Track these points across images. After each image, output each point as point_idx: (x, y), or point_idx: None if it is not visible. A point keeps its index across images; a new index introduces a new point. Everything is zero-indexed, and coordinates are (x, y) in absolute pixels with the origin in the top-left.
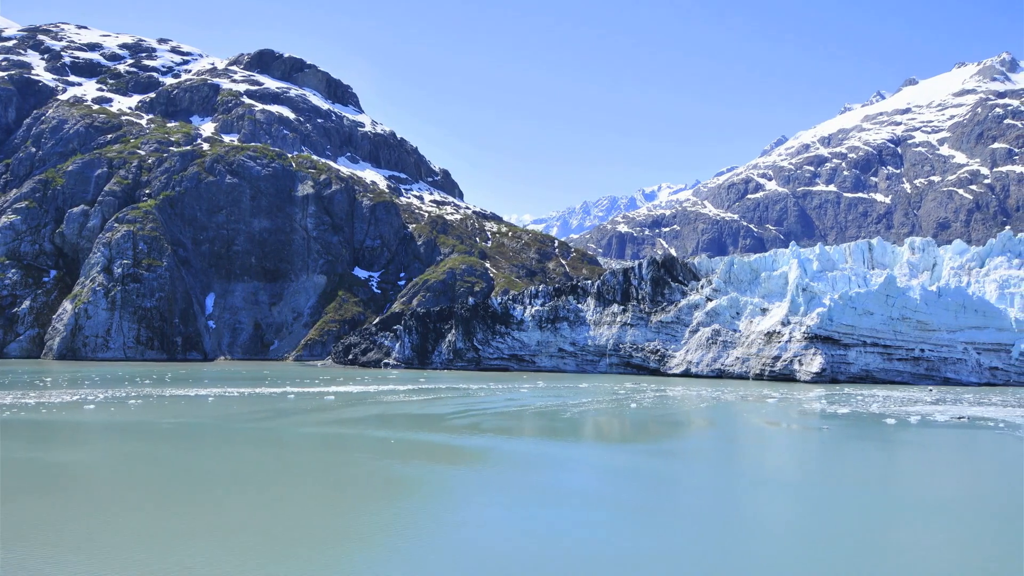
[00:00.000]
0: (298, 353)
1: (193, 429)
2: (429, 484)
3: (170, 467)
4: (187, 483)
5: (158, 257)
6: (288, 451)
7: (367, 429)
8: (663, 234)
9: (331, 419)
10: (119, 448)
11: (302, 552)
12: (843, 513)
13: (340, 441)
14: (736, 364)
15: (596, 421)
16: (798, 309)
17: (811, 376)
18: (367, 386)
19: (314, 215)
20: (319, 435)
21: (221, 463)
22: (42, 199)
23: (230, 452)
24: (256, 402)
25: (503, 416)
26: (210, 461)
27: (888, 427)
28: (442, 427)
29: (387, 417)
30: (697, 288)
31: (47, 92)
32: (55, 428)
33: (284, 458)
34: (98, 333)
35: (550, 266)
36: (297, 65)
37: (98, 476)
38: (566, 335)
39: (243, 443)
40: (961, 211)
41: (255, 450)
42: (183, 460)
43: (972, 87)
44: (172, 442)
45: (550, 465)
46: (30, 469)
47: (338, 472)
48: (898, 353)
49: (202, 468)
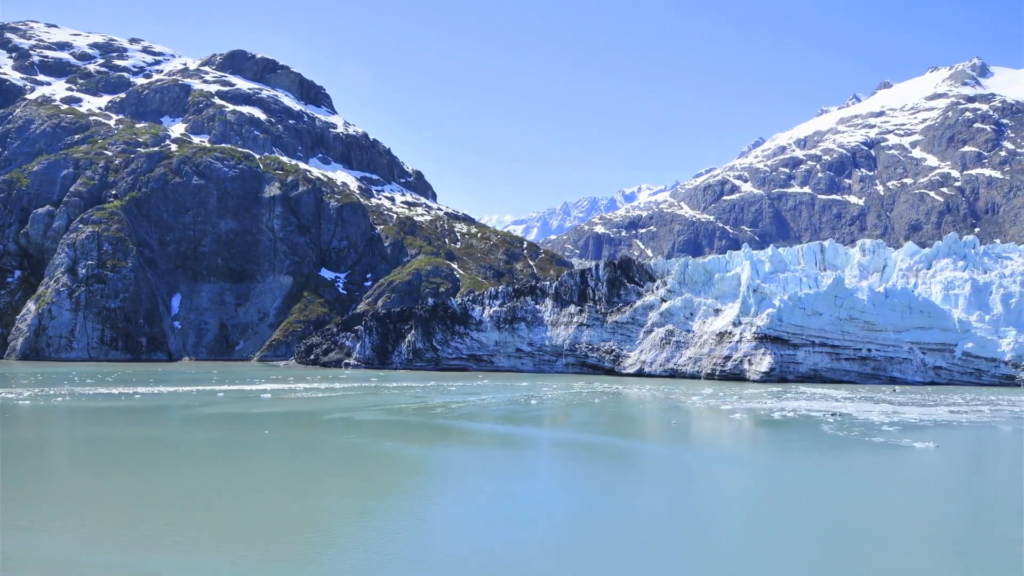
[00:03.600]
0: (263, 353)
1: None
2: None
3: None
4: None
5: (123, 258)
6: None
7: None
8: (640, 235)
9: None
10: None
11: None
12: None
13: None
14: (688, 364)
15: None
16: (749, 310)
17: (760, 375)
18: (312, 383)
19: (281, 216)
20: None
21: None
22: (7, 199)
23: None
24: (161, 399)
25: (389, 411)
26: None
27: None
28: (319, 422)
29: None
30: (652, 289)
31: (15, 91)
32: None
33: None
34: (62, 334)
35: (518, 267)
36: (270, 66)
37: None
38: (524, 335)
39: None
40: (932, 213)
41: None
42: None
43: (944, 91)
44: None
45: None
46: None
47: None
48: (845, 353)
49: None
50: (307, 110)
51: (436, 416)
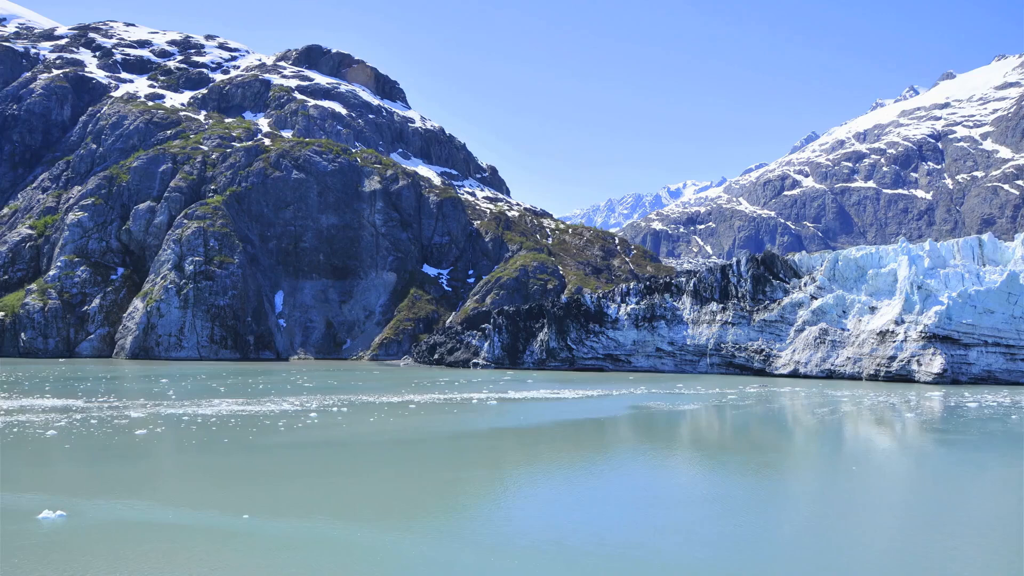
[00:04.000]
0: (373, 352)
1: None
2: None
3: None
4: None
5: (229, 254)
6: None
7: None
8: (698, 231)
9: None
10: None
11: None
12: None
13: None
14: (847, 364)
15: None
16: (913, 307)
17: (932, 377)
18: (557, 391)
19: (382, 211)
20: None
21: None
22: (107, 196)
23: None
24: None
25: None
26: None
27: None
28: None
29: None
30: (800, 286)
31: (100, 89)
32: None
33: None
34: (171, 332)
35: (615, 263)
36: (345, 60)
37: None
38: (664, 334)
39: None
40: (1007, 207)
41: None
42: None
43: (1015, 80)
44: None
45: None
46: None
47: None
48: (1022, 353)
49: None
50: (384, 104)
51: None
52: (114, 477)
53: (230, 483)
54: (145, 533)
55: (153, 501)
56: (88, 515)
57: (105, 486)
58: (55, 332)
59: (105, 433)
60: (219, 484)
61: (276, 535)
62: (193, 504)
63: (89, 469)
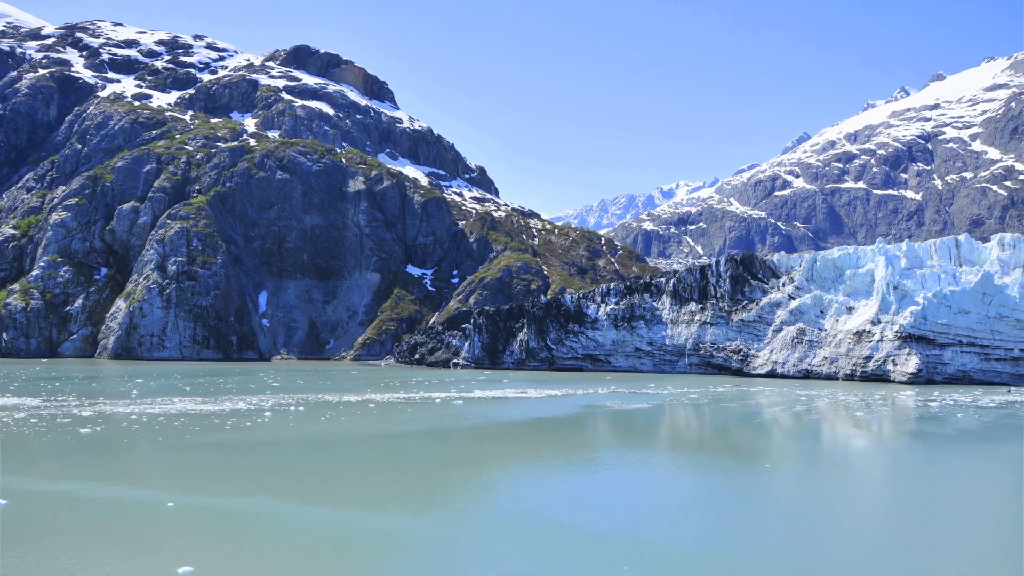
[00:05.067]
0: (356, 352)
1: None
2: None
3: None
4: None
5: (212, 254)
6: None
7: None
8: (689, 232)
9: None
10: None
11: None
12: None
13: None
14: (824, 364)
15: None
16: (889, 307)
17: (907, 377)
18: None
19: (366, 211)
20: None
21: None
22: (91, 196)
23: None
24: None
25: None
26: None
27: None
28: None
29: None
30: (778, 286)
31: (87, 89)
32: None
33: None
34: (153, 332)
35: (600, 263)
36: (333, 61)
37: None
38: (643, 334)
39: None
40: (996, 208)
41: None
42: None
43: (1004, 81)
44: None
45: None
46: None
47: None
48: (996, 353)
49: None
50: (372, 105)
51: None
52: (20, 471)
53: (145, 480)
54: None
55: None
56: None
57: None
58: (37, 332)
59: (37, 432)
60: (135, 482)
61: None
62: (85, 499)
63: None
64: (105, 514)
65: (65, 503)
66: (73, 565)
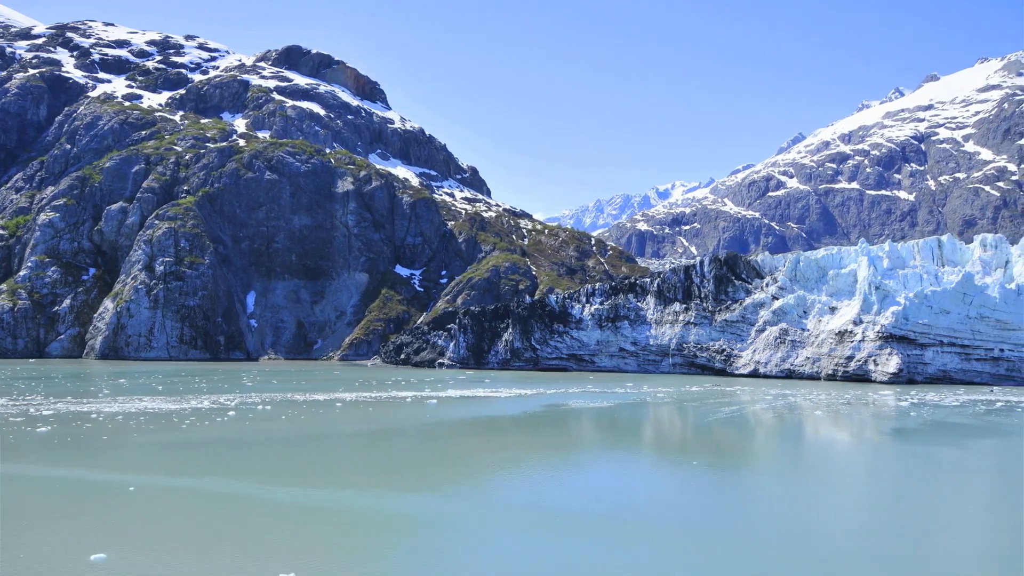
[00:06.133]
0: (343, 352)
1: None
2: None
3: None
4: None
5: (200, 255)
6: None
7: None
8: (683, 232)
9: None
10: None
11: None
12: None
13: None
14: (806, 364)
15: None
16: (871, 308)
17: (888, 377)
18: (498, 391)
19: (355, 212)
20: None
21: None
22: (80, 196)
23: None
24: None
25: None
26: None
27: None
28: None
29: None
30: (762, 286)
31: (77, 89)
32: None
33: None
34: (141, 332)
35: (589, 264)
36: (325, 61)
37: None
38: (627, 334)
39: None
40: (988, 208)
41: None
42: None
43: (997, 82)
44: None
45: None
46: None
47: None
48: (977, 353)
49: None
50: (364, 105)
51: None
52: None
53: (68, 467)
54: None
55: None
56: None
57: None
58: (24, 332)
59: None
60: (56, 469)
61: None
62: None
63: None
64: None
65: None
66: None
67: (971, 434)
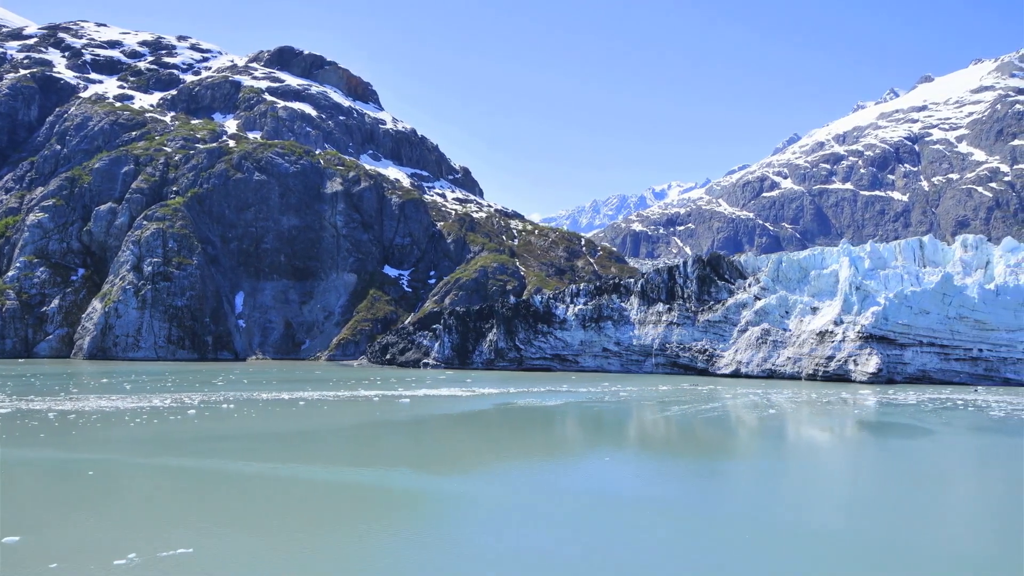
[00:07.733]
0: (331, 352)
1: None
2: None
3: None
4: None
5: (188, 255)
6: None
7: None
8: (678, 232)
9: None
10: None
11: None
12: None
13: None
14: (787, 364)
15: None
16: (851, 308)
17: (867, 376)
18: (472, 390)
19: (343, 212)
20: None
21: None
22: (69, 197)
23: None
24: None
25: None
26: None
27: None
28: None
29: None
30: (744, 287)
31: (69, 90)
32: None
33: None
34: (128, 332)
35: (579, 264)
36: (317, 62)
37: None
38: (610, 334)
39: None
40: (981, 209)
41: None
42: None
43: (990, 83)
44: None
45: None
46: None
47: None
48: (956, 353)
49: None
50: (356, 106)
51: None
52: None
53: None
54: None
55: None
56: None
57: None
58: (13, 332)
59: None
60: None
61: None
62: None
63: None
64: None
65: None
66: None
67: (964, 432)
